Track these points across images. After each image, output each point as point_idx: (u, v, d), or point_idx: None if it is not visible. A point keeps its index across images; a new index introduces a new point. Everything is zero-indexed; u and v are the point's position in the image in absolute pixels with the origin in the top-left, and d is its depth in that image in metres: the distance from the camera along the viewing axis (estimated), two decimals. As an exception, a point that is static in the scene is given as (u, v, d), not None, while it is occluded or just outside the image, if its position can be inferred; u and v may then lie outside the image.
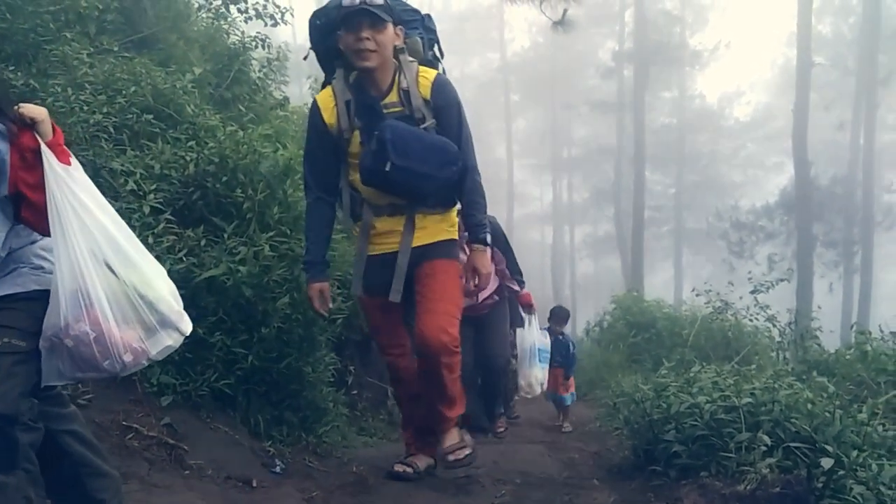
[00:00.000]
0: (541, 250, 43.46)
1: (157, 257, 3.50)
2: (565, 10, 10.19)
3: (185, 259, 3.65)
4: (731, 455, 3.22)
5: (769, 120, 38.77)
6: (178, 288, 3.49)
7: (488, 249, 3.73)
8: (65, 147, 2.09)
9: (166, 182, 4.03)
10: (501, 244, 5.61)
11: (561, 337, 7.00)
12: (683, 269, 39.82)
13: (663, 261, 42.20)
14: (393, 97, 3.44)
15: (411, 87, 3.43)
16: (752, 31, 41.41)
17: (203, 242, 3.82)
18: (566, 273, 42.10)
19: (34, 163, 2.01)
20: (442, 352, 3.39)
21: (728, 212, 31.95)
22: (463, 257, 3.95)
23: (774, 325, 10.62)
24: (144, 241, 3.48)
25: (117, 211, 3.46)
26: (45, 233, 2.07)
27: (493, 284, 5.33)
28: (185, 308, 3.51)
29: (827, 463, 2.62)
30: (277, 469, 3.48)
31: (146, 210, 3.69)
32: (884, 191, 32.71)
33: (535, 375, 6.19)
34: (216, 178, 4.16)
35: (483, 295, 5.30)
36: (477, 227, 3.61)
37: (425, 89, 3.45)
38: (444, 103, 3.49)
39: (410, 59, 3.51)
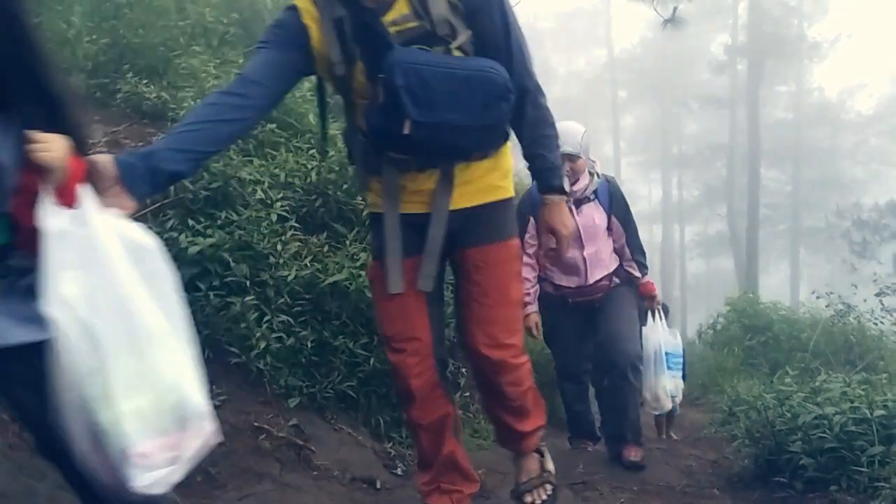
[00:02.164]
0: (649, 250, 42.16)
1: (285, 263, 3.68)
2: (675, 8, 9.99)
3: (309, 265, 3.79)
4: (862, 469, 3.11)
5: (894, 113, 36.83)
6: (304, 292, 3.69)
7: (565, 200, 2.75)
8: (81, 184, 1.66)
9: (290, 190, 4.20)
10: (621, 214, 4.62)
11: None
12: (800, 270, 38.29)
13: (779, 261, 40.68)
14: (402, 7, 2.32)
15: None
16: (875, 20, 39.18)
17: (326, 248, 3.97)
18: (676, 273, 41.11)
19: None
20: (500, 370, 2.66)
21: (849, 209, 30.49)
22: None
23: (903, 330, 10.14)
24: (273, 249, 3.67)
25: (246, 220, 3.70)
26: None
27: (611, 263, 4.60)
28: (311, 312, 3.70)
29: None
30: (399, 471, 3.57)
31: (273, 218, 3.85)
32: None
33: (664, 386, 5.07)
34: (337, 185, 4.31)
35: (596, 274, 4.52)
36: (548, 171, 2.66)
37: None
38: (480, 1, 2.40)
39: None
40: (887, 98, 39.19)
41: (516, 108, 2.45)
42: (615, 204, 4.55)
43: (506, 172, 2.67)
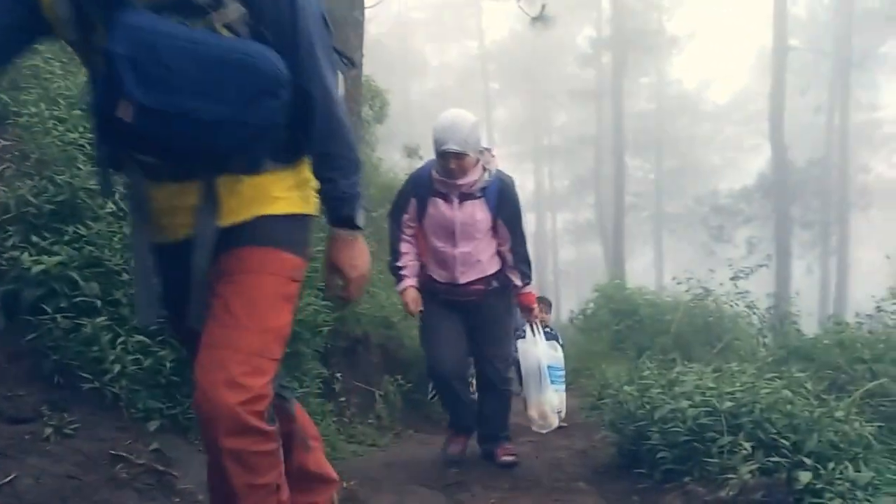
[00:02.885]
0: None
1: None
2: (543, 6, 10.22)
3: (167, 279, 3.64)
4: (713, 460, 3.28)
5: (747, 103, 38.99)
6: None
7: (359, 236, 2.16)
8: None
9: (146, 200, 4.01)
10: (509, 217, 4.33)
11: (549, 330, 6.95)
12: (664, 254, 40.11)
13: (644, 245, 42.45)
14: None
15: None
16: (729, 15, 41.45)
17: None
18: (549, 260, 42.23)
19: None
20: (227, 423, 1.80)
21: (707, 196, 32.18)
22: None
23: (754, 312, 10.75)
24: (126, 264, 3.50)
25: (96, 234, 3.52)
26: None
27: (490, 266, 4.37)
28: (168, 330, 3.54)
29: (805, 477, 2.68)
30: (267, 489, 3.49)
31: (126, 231, 3.67)
32: (859, 171, 33.03)
33: (550, 402, 4.69)
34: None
35: (468, 275, 4.31)
36: (337, 200, 2.08)
37: None
38: None
39: None
40: (741, 89, 41.48)
41: (302, 116, 1.97)
42: (503, 205, 4.31)
43: (297, 185, 2.08)
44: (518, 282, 4.45)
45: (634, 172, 38.68)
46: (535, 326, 4.73)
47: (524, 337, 4.90)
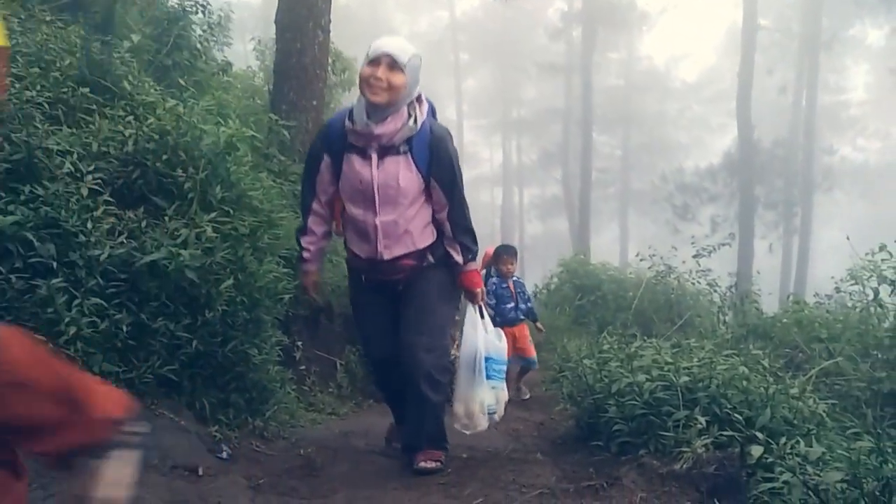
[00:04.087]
0: (490, 211, 43.75)
1: (97, 241, 3.46)
2: (513, -24, 10.12)
3: (125, 242, 3.58)
4: (668, 433, 3.32)
5: (715, 82, 39.32)
6: (119, 273, 3.48)
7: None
8: None
9: (104, 161, 3.92)
10: (444, 178, 3.51)
11: (517, 278, 6.83)
12: (629, 230, 40.47)
13: (609, 222, 42.81)
14: None
15: None
16: (700, -7, 41.65)
17: (144, 224, 3.74)
18: (515, 234, 42.38)
19: None
20: None
21: (673, 174, 32.42)
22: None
23: (715, 290, 10.90)
24: (83, 226, 3.44)
25: (53, 194, 3.44)
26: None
27: (422, 239, 3.57)
28: (127, 293, 3.50)
29: (757, 451, 2.72)
30: (224, 455, 3.47)
31: (84, 192, 3.60)
32: (824, 153, 33.47)
33: (481, 400, 3.82)
34: (156, 155, 4.05)
35: (393, 250, 3.51)
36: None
37: None
38: None
39: None
40: (709, 68, 41.74)
41: None
42: (436, 163, 3.46)
43: None
44: (458, 258, 3.64)
45: (602, 148, 38.84)
46: (480, 310, 3.91)
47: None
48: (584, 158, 30.12)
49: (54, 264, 3.26)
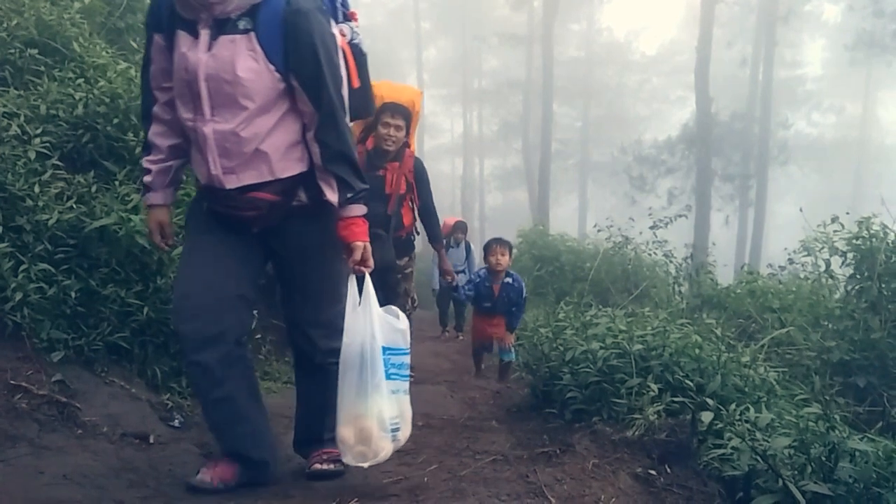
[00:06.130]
0: (451, 182, 43.73)
1: (45, 206, 3.38)
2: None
3: (74, 207, 3.50)
4: (621, 401, 3.36)
5: (674, 54, 39.48)
6: (68, 238, 3.41)
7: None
8: None
9: (53, 124, 3.84)
10: (307, 67, 2.48)
11: (511, 280, 6.00)
12: (588, 202, 40.72)
13: (569, 193, 43.00)
14: None
15: None
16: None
17: (94, 189, 3.66)
18: (476, 205, 42.41)
19: None
20: None
21: (632, 146, 32.59)
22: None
23: (671, 261, 11.04)
24: (31, 190, 3.35)
25: (0, 157, 3.35)
26: None
27: (287, 164, 2.56)
28: (76, 259, 3.43)
29: (707, 416, 2.77)
30: (176, 423, 3.43)
31: (32, 155, 3.51)
32: (780, 126, 33.87)
33: (378, 412, 2.56)
34: (107, 119, 3.97)
35: (241, 176, 2.52)
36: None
37: None
38: None
39: None
40: (669, 40, 41.91)
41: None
42: (294, 48, 2.44)
43: None
44: (332, 196, 2.58)
45: (562, 120, 38.88)
46: (364, 282, 2.64)
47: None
48: (544, 130, 30.07)
49: (0, 229, 3.18)
